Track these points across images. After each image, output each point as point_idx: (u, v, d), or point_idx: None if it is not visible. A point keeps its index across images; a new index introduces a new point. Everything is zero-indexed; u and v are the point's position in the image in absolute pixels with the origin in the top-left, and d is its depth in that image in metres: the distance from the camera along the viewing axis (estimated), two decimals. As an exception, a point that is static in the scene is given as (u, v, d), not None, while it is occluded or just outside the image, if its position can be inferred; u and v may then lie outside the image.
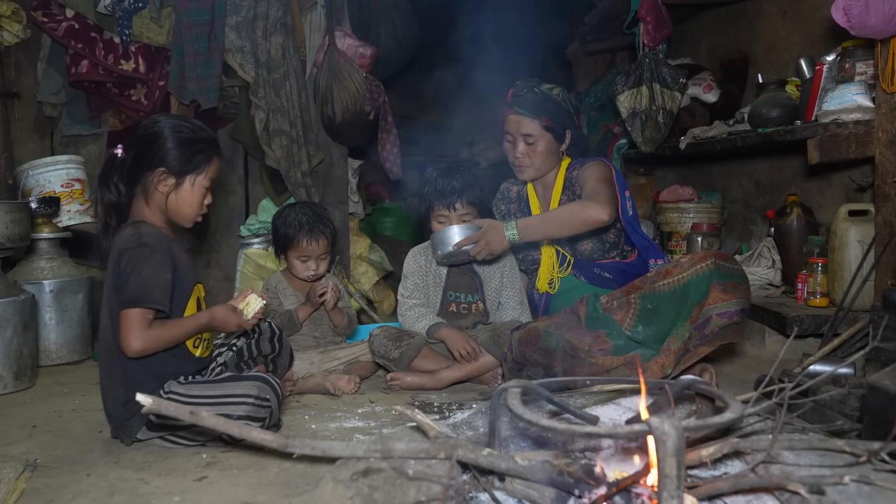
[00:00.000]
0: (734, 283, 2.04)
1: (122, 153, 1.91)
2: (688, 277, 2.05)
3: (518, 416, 1.23)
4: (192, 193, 1.93)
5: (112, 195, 1.91)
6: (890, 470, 1.29)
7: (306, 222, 2.60)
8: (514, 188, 2.74)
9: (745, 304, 2.05)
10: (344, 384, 2.37)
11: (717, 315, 2.00)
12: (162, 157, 1.87)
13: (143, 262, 1.79)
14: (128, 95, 3.76)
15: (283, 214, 2.67)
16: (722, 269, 2.04)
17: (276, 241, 2.67)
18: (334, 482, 1.29)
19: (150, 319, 1.79)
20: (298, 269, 2.63)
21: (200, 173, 1.93)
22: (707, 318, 2.01)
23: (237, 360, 2.13)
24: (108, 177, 1.91)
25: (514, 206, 2.71)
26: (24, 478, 1.63)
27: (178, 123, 1.91)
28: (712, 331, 2.02)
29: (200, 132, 1.94)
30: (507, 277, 2.62)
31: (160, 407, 1.21)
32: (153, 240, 1.83)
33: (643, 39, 3.51)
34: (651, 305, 2.10)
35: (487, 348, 2.41)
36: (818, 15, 3.13)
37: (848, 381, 1.84)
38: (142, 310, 1.77)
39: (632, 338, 2.10)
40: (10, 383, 2.50)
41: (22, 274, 2.90)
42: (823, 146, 2.45)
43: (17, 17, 3.52)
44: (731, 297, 2.00)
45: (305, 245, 2.59)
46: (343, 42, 3.91)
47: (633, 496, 1.22)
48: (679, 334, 2.02)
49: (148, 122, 1.92)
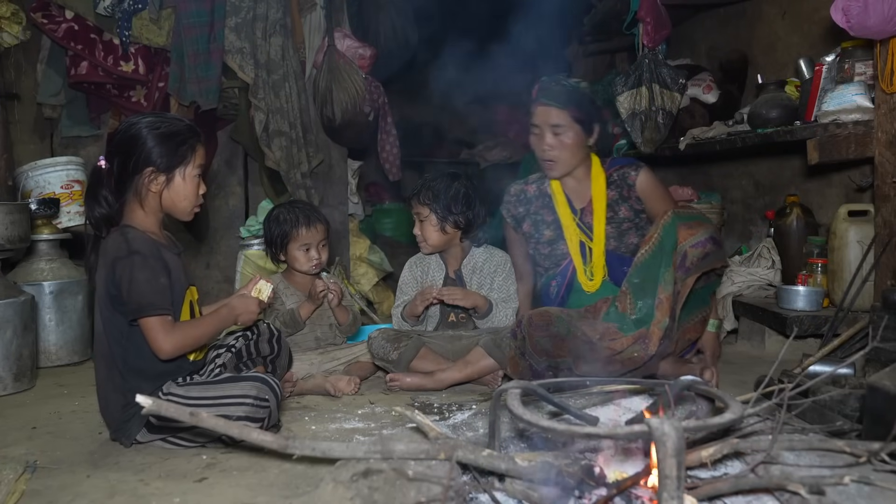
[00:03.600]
0: (696, 221, 2.23)
1: (105, 164, 1.90)
2: (657, 236, 2.19)
3: (518, 416, 1.23)
4: (185, 185, 1.92)
5: (102, 208, 1.88)
6: (890, 470, 1.28)
7: (301, 213, 2.64)
8: (532, 187, 2.63)
9: (713, 233, 2.23)
10: (344, 385, 2.37)
11: (691, 247, 2.16)
12: (147, 157, 1.86)
13: (138, 270, 1.79)
14: (127, 97, 3.76)
15: (273, 215, 2.69)
16: (681, 214, 2.23)
17: (272, 241, 2.67)
18: (334, 483, 1.29)
19: (170, 321, 1.81)
20: (301, 260, 2.63)
21: (188, 164, 1.91)
22: (683, 253, 2.15)
23: (236, 362, 2.13)
24: (97, 190, 1.89)
25: (537, 206, 2.59)
26: (24, 479, 1.63)
27: (154, 120, 1.89)
28: (692, 262, 2.15)
29: (178, 123, 1.92)
30: (499, 282, 2.62)
31: (160, 408, 1.21)
32: (143, 246, 1.82)
33: (643, 40, 3.51)
34: (638, 279, 2.16)
35: (489, 351, 2.41)
36: (817, 15, 3.13)
37: (848, 381, 1.84)
38: (158, 316, 1.78)
39: (637, 319, 2.12)
40: (10, 385, 2.49)
41: (22, 275, 2.90)
42: (823, 147, 2.45)
43: (17, 18, 3.52)
44: (697, 231, 2.18)
45: (305, 233, 2.62)
46: (342, 43, 3.91)
47: (634, 497, 1.22)
48: (666, 280, 2.11)
49: (124, 127, 1.89)
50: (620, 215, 2.49)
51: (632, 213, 2.49)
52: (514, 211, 2.63)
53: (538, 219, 2.56)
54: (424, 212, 2.58)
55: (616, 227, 2.48)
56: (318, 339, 2.70)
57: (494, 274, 2.62)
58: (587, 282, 2.48)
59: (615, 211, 2.49)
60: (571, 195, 2.55)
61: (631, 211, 2.49)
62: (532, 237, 2.57)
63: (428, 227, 2.58)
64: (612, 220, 2.48)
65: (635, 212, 2.49)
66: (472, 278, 2.63)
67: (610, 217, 2.48)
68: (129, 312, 1.79)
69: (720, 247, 2.25)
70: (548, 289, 2.57)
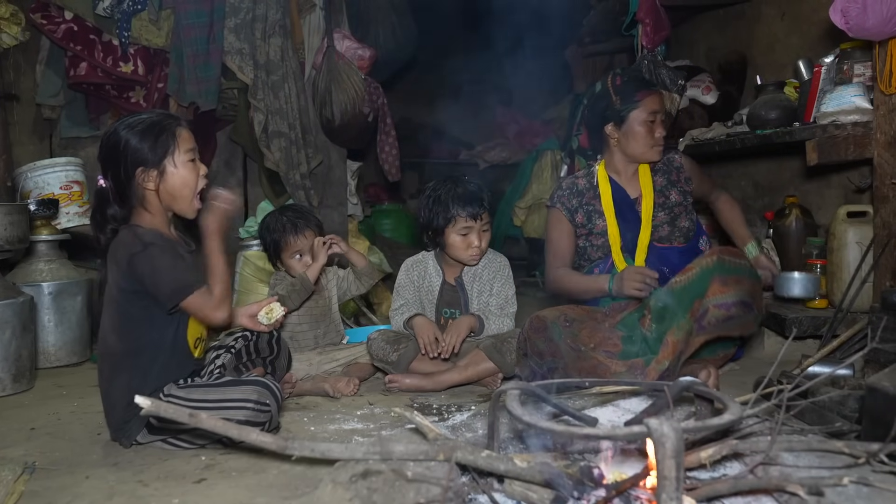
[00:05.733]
0: (736, 277, 2.08)
1: (104, 182, 1.90)
2: (694, 274, 2.09)
3: (517, 417, 1.23)
4: (179, 173, 1.90)
5: (112, 224, 1.90)
6: (889, 471, 1.29)
7: (288, 221, 2.65)
8: (582, 181, 2.65)
9: (745, 297, 2.08)
10: (343, 386, 2.37)
11: (714, 307, 2.05)
12: (134, 158, 1.85)
13: (158, 259, 1.80)
14: (127, 97, 3.76)
15: (265, 223, 2.71)
16: (725, 263, 2.08)
17: (268, 250, 2.71)
18: (333, 484, 1.29)
19: (206, 290, 1.84)
20: (297, 268, 2.64)
21: (174, 151, 1.89)
22: (705, 309, 2.06)
23: (235, 363, 2.13)
24: (104, 209, 1.90)
25: (588, 197, 2.61)
26: (23, 480, 1.63)
27: (130, 121, 1.88)
28: (710, 322, 2.06)
29: (152, 115, 1.91)
30: (498, 287, 2.60)
31: (159, 409, 1.21)
32: (155, 237, 1.84)
33: (642, 41, 3.51)
34: (661, 303, 2.12)
35: (489, 355, 2.41)
36: (816, 17, 3.14)
37: (847, 382, 1.84)
38: (196, 292, 1.81)
39: (649, 338, 2.11)
40: (9, 385, 2.49)
41: (21, 276, 2.90)
42: (822, 148, 2.45)
43: (16, 19, 3.52)
44: (729, 290, 2.05)
45: (293, 241, 2.63)
46: (342, 44, 3.91)
47: (633, 498, 1.22)
48: (679, 326, 2.05)
49: (104, 139, 1.90)
50: (672, 199, 2.55)
51: (681, 196, 2.57)
52: (567, 203, 2.63)
53: (590, 209, 2.59)
54: (487, 219, 2.52)
55: (668, 212, 2.53)
56: (317, 338, 2.70)
57: (493, 280, 2.61)
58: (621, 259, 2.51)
59: (666, 196, 2.56)
60: (626, 185, 2.60)
61: (681, 194, 2.57)
62: (585, 227, 2.58)
63: (487, 236, 2.53)
64: (664, 205, 2.54)
65: (684, 194, 2.57)
66: (473, 285, 2.61)
67: (662, 202, 2.54)
68: (167, 301, 1.81)
69: (750, 311, 2.12)
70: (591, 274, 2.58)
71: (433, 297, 2.63)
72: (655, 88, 2.60)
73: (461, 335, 2.44)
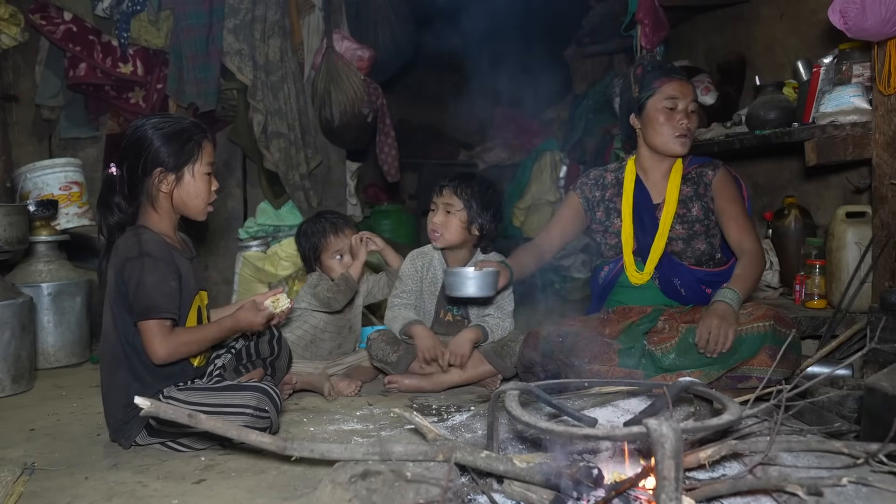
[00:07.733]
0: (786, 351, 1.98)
1: (116, 170, 1.90)
2: (743, 333, 2.05)
3: (516, 418, 1.23)
4: (195, 183, 1.92)
5: (115, 216, 1.90)
6: (888, 471, 1.29)
7: (327, 223, 2.69)
8: (610, 175, 2.55)
9: (788, 374, 2.08)
10: (343, 387, 2.38)
11: (757, 378, 2.02)
12: (155, 157, 1.86)
13: (147, 272, 1.79)
14: (126, 98, 3.76)
15: (301, 231, 2.75)
16: (778, 335, 2.04)
17: (306, 257, 2.72)
18: (333, 485, 1.29)
19: (169, 326, 1.81)
20: (337, 269, 2.65)
21: (196, 161, 1.91)
22: (746, 376, 2.05)
23: (236, 364, 2.13)
24: (109, 198, 1.90)
25: (612, 193, 2.51)
26: (22, 481, 1.63)
27: (159, 121, 1.90)
28: (744, 386, 2.04)
29: (183, 122, 1.93)
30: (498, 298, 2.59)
31: (158, 409, 1.21)
32: (154, 248, 1.83)
33: (641, 41, 3.51)
34: (692, 340, 2.08)
35: (489, 359, 2.41)
36: (815, 17, 3.14)
37: (846, 382, 1.85)
38: (157, 320, 1.78)
39: (659, 363, 2.10)
40: (8, 386, 2.49)
41: (20, 277, 2.89)
42: (821, 148, 2.45)
43: (16, 20, 3.52)
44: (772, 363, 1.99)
45: (334, 241, 2.66)
46: (341, 45, 3.91)
47: (632, 499, 1.22)
48: (708, 374, 2.04)
49: (130, 130, 1.90)
50: (693, 213, 2.38)
51: (703, 212, 2.38)
52: (589, 194, 2.55)
53: (611, 206, 2.49)
54: (457, 204, 2.52)
55: (688, 227, 2.37)
56: (335, 347, 2.70)
57: None
58: (634, 273, 2.41)
59: (688, 208, 2.39)
60: (652, 189, 2.47)
61: (703, 210, 2.38)
62: (602, 224, 2.50)
63: (454, 220, 2.52)
64: (684, 217, 2.38)
65: (707, 211, 2.38)
66: None
67: (682, 214, 2.38)
68: (135, 314, 1.80)
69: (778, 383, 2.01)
70: (598, 272, 2.52)
71: (435, 289, 2.62)
72: (676, 75, 2.43)
73: (465, 356, 2.42)
